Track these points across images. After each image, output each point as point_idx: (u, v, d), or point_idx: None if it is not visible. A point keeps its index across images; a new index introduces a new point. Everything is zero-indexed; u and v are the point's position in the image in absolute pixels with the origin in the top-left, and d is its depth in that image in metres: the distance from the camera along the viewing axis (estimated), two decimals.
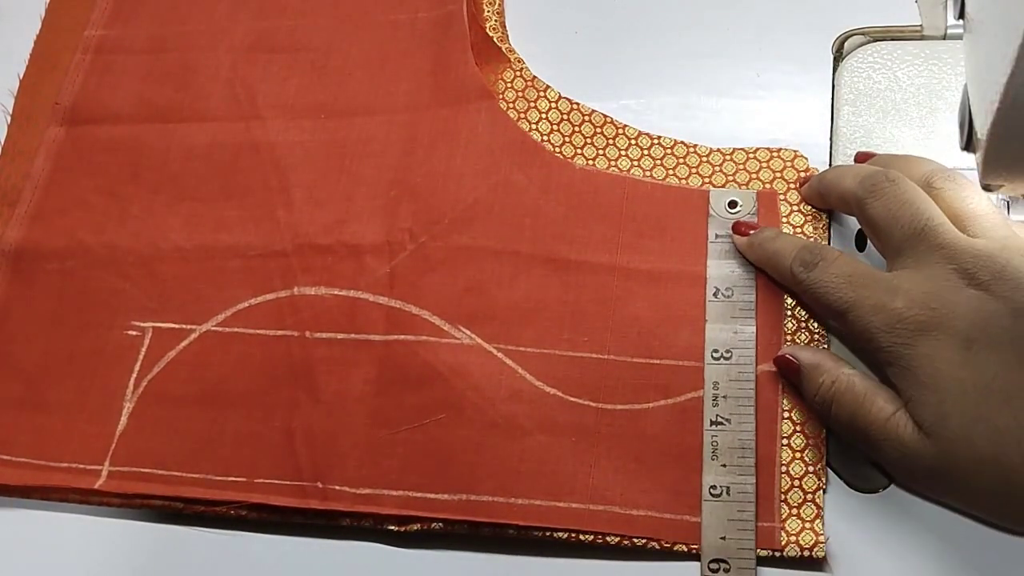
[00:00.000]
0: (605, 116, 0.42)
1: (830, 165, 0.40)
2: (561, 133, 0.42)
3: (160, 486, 0.38)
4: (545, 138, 0.42)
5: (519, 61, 0.44)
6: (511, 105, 0.43)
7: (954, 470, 0.30)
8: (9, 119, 0.46)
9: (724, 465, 0.35)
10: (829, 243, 0.39)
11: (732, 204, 0.39)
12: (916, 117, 0.41)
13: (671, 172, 0.41)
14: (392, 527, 0.36)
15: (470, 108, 0.43)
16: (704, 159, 0.41)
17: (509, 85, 0.43)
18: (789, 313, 0.37)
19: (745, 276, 0.38)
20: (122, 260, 0.42)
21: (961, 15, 0.33)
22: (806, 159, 0.40)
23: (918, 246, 0.31)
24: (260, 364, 0.40)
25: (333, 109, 0.44)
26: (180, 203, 0.43)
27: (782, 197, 0.40)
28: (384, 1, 0.46)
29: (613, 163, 0.41)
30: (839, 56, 0.43)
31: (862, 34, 0.43)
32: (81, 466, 0.39)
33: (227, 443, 0.39)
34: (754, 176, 0.40)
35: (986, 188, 0.32)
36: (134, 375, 0.40)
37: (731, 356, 0.37)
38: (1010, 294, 0.29)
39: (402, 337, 0.39)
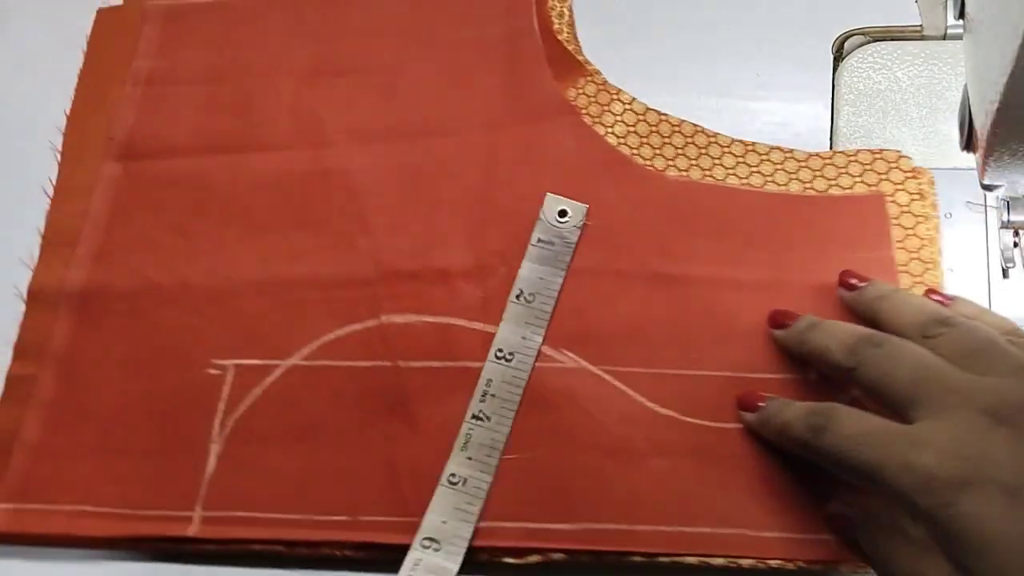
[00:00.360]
0: (695, 125, 0.41)
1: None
2: (651, 145, 0.41)
3: (259, 529, 0.36)
4: (635, 151, 0.41)
5: (595, 72, 0.43)
6: (585, 110, 0.42)
7: None
8: (59, 156, 0.45)
9: (470, 458, 0.36)
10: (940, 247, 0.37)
11: (562, 213, 0.40)
12: (916, 117, 0.41)
13: (769, 178, 0.40)
14: (509, 559, 0.35)
15: (553, 124, 0.42)
16: (803, 164, 0.40)
17: (580, 91, 0.42)
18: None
19: (550, 286, 0.38)
20: (196, 297, 0.41)
21: (961, 15, 0.33)
22: (911, 159, 0.39)
23: (929, 395, 0.29)
24: (353, 397, 0.38)
25: (404, 131, 0.43)
26: (252, 236, 0.42)
27: (890, 198, 0.39)
28: (448, 19, 0.45)
29: (708, 172, 0.40)
30: (839, 56, 0.43)
31: (862, 34, 0.43)
32: (171, 513, 0.37)
33: (325, 481, 0.37)
34: (858, 179, 0.39)
35: (986, 188, 0.32)
36: (219, 415, 0.38)
37: (512, 359, 0.37)
38: None
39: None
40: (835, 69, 0.43)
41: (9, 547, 0.38)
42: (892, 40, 0.42)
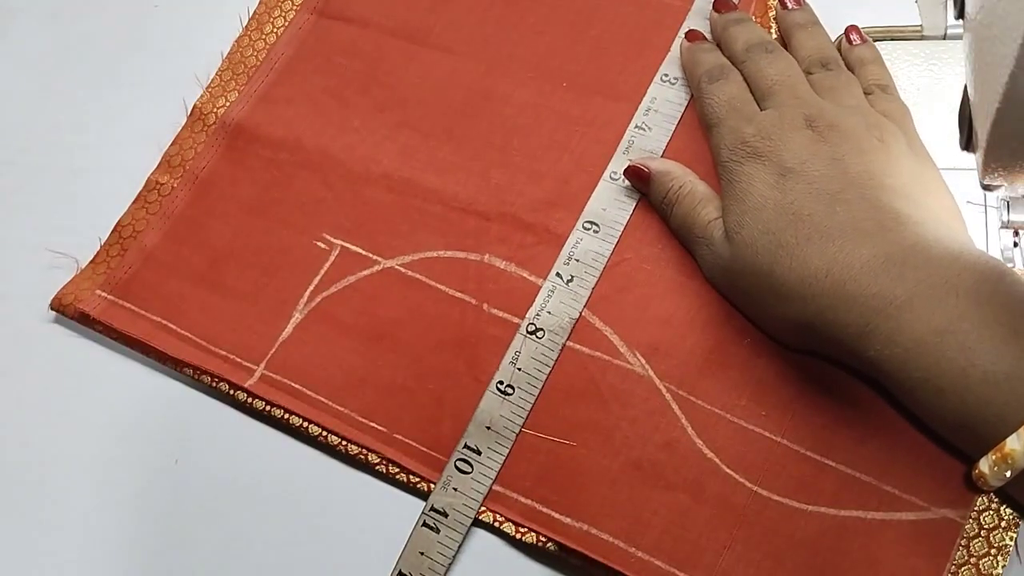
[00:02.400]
0: None
1: None
2: None
3: (304, 406, 0.38)
4: None
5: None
6: None
7: (740, 272, 0.34)
8: None
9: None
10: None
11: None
12: (916, 117, 0.41)
13: None
14: (508, 531, 0.36)
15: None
16: None
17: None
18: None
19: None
20: (331, 170, 0.42)
21: (961, 15, 0.33)
22: None
23: (780, 96, 0.36)
24: (431, 320, 0.39)
25: (577, 81, 0.42)
26: (400, 129, 0.43)
27: None
28: None
29: None
30: None
31: None
32: (238, 360, 0.39)
33: (378, 387, 0.38)
34: None
35: (986, 188, 0.32)
36: (311, 287, 0.40)
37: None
38: (835, 142, 0.34)
39: (577, 346, 0.38)
40: None
41: (90, 332, 0.41)
42: (892, 40, 0.42)
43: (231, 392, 0.39)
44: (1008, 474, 0.29)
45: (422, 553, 0.35)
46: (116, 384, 0.40)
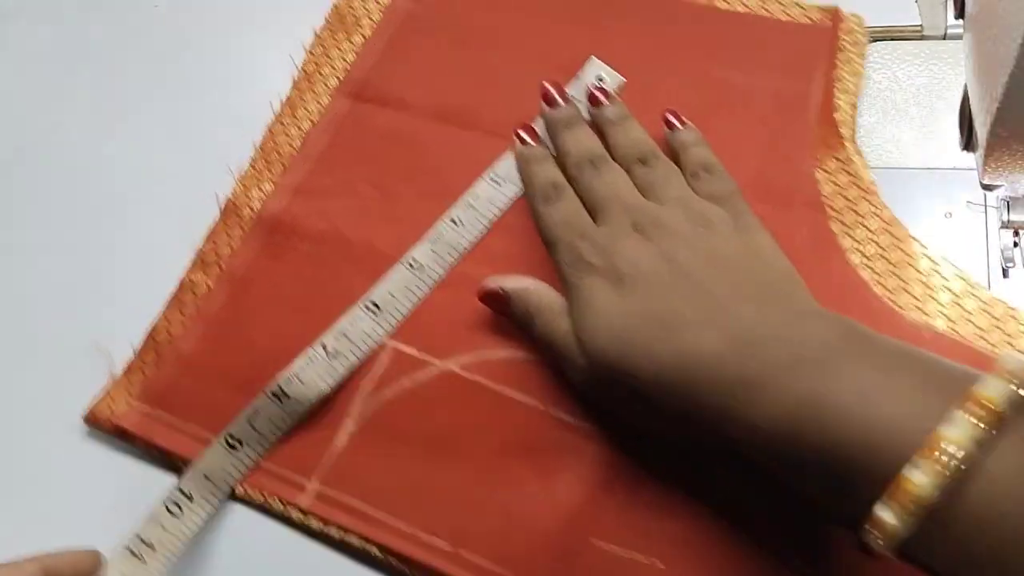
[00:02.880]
0: (961, 276, 0.37)
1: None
2: (900, 277, 0.37)
3: (364, 525, 0.35)
4: (879, 279, 0.37)
5: (863, 165, 0.39)
6: (838, 214, 0.38)
7: (603, 381, 0.34)
8: (297, 73, 0.45)
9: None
10: None
11: (600, 79, 0.41)
12: (916, 117, 0.41)
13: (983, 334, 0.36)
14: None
15: (793, 215, 0.38)
16: None
17: (841, 191, 0.39)
18: None
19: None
20: (377, 263, 0.39)
21: (961, 15, 0.33)
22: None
23: (609, 210, 0.37)
24: (495, 426, 0.36)
25: None
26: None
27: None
28: (722, 53, 0.42)
29: (953, 325, 0.36)
30: None
31: (862, 34, 0.43)
32: (290, 473, 0.36)
33: (442, 500, 0.35)
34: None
35: (986, 188, 0.32)
36: (363, 393, 0.37)
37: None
38: (663, 241, 0.35)
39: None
40: None
41: (124, 443, 0.38)
42: (892, 40, 0.42)
43: (284, 509, 0.36)
44: (913, 510, 0.26)
45: None
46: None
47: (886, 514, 0.26)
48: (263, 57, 0.47)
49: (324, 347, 0.37)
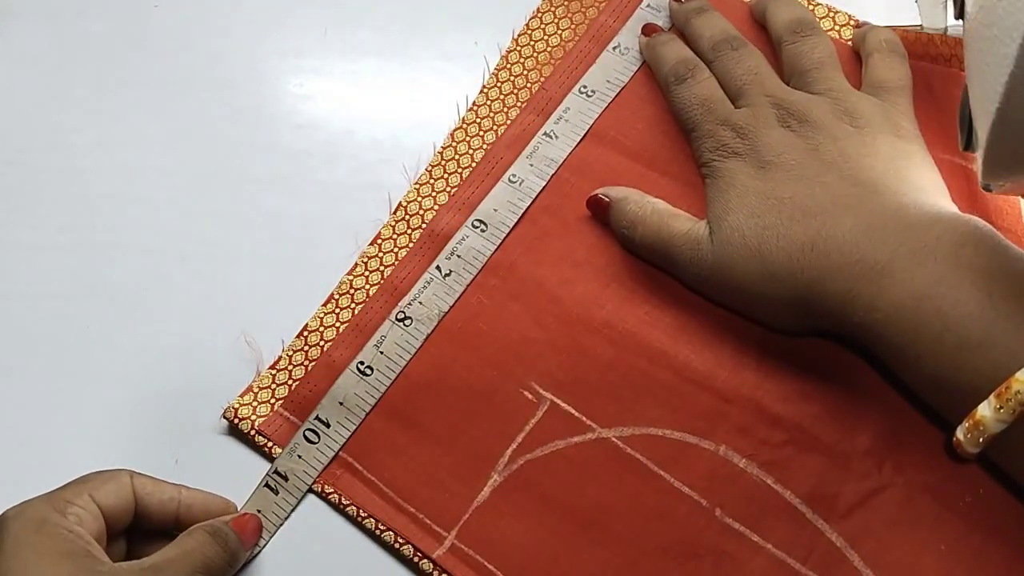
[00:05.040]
0: None
1: None
2: None
3: None
4: None
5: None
6: None
7: (729, 264, 0.34)
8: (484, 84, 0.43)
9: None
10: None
11: None
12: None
13: None
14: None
15: None
16: None
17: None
18: None
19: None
20: (545, 306, 0.37)
21: (961, 15, 0.33)
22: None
23: (749, 94, 0.37)
24: (651, 514, 0.33)
25: None
26: (631, 270, 0.38)
27: None
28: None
29: None
30: None
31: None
32: (428, 522, 0.34)
33: None
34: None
35: (986, 188, 0.32)
36: (514, 444, 0.35)
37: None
38: (808, 135, 0.35)
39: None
40: None
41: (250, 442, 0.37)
42: None
43: (414, 558, 0.34)
44: (981, 441, 0.29)
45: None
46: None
47: (988, 412, 0.28)
48: (263, 57, 0.47)
49: (439, 268, 0.38)
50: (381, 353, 0.36)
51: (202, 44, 0.48)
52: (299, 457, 0.35)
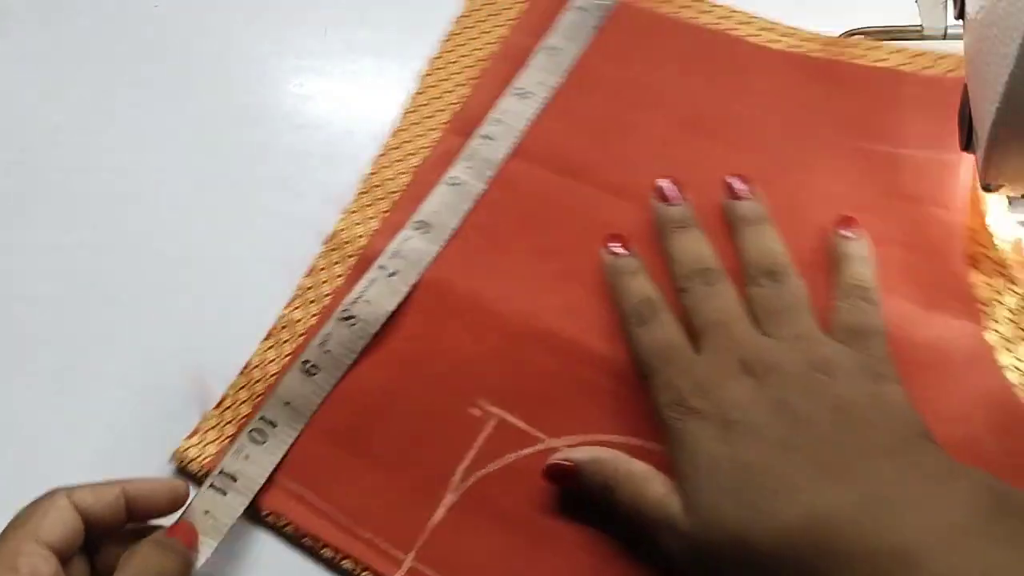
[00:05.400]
0: None
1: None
2: None
3: None
4: None
5: (1020, 265, 0.35)
6: (995, 324, 0.34)
7: (708, 546, 0.29)
8: (406, 104, 0.44)
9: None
10: None
11: None
12: None
13: None
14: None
15: (949, 324, 0.34)
16: None
17: (997, 296, 0.35)
18: None
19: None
20: (484, 321, 0.37)
21: (961, 15, 0.33)
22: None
23: (714, 337, 0.33)
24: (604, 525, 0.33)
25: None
26: (562, 281, 0.37)
27: None
28: (857, 126, 0.38)
29: None
30: None
31: (862, 34, 0.43)
32: (386, 546, 0.33)
33: None
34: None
35: (986, 188, 0.32)
36: (465, 462, 0.34)
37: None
38: (774, 386, 0.31)
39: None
40: None
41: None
42: (892, 40, 0.42)
43: None
44: None
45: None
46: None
47: None
48: (263, 57, 0.47)
49: (383, 268, 0.38)
50: (327, 352, 0.36)
51: (202, 44, 0.48)
52: (246, 458, 0.34)
